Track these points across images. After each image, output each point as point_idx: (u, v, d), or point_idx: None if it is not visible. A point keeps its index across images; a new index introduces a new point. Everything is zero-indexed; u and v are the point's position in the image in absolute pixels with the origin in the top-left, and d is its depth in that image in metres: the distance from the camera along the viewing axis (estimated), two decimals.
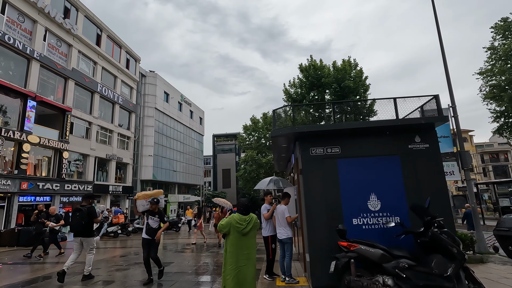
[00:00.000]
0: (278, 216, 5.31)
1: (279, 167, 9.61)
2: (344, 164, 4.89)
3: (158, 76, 34.26)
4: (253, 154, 36.30)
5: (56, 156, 19.61)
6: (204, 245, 11.02)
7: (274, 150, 6.50)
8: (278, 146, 5.93)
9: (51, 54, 19.71)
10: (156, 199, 5.72)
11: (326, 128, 4.76)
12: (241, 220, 3.54)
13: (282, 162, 8.70)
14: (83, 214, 5.75)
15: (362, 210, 4.72)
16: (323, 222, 4.68)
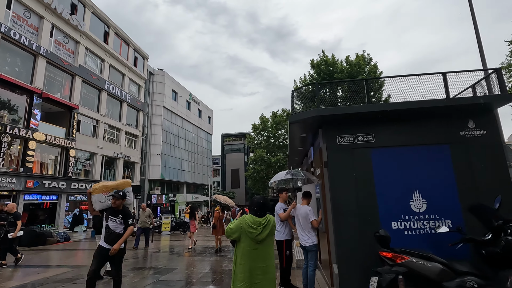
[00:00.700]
0: (300, 219, 4.46)
1: (293, 163, 8.76)
2: (380, 155, 4.02)
3: (166, 74, 33.87)
4: (262, 154, 35.52)
5: (63, 154, 19.28)
6: (193, 249, 9.93)
7: (290, 142, 5.67)
8: (295, 136, 5.11)
9: (57, 50, 19.41)
10: (121, 193, 4.20)
11: (359, 110, 3.89)
12: (255, 224, 2.72)
13: (297, 158, 7.87)
14: None
15: (403, 211, 3.85)
16: (355, 225, 3.83)
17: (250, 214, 2.82)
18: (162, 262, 7.59)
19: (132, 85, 28.09)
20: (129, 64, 27.13)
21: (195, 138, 40.72)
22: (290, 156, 7.37)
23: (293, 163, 8.40)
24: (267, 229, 2.76)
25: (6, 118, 15.81)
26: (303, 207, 4.47)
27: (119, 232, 4.11)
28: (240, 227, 2.74)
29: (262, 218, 2.79)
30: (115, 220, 4.12)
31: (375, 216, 3.84)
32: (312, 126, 4.47)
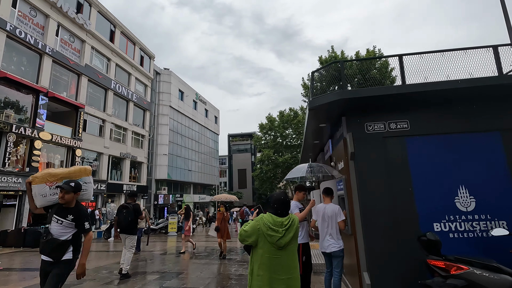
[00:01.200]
0: (326, 219, 3.84)
1: (306, 159, 8.16)
2: (416, 145, 3.45)
3: (173, 74, 33.64)
4: (270, 153, 34.98)
5: (69, 154, 19.09)
6: (190, 252, 9.19)
7: (306, 135, 5.12)
8: (313, 127, 4.55)
9: (63, 49, 19.26)
10: (72, 184, 2.97)
11: (394, 92, 3.32)
12: (276, 225, 2.20)
13: (311, 154, 7.30)
14: (129, 212, 5.82)
15: (447, 210, 3.27)
16: (388, 227, 3.26)
17: (269, 214, 2.28)
18: (168, 266, 7.12)
19: (138, 84, 27.90)
20: (136, 64, 26.95)
21: (202, 138, 40.42)
22: (304, 152, 6.81)
23: (306, 159, 7.83)
24: (291, 231, 2.22)
25: (12, 117, 15.65)
26: (329, 206, 3.85)
27: (64, 239, 2.84)
28: (257, 229, 2.21)
29: (284, 218, 2.25)
30: (61, 221, 2.87)
31: (414, 216, 3.27)
32: (334, 113, 3.92)
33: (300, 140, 36.02)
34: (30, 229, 11.93)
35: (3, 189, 14.53)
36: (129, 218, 5.78)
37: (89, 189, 3.45)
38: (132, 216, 5.81)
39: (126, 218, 5.78)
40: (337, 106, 3.64)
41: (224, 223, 8.25)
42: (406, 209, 3.29)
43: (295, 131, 35.89)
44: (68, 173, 3.33)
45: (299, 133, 35.50)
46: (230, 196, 11.11)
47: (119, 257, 8.39)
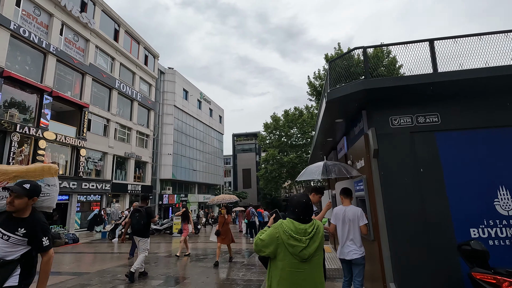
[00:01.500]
0: (347, 223, 3.48)
1: (316, 159, 7.83)
2: (448, 141, 3.09)
3: (177, 73, 33.47)
4: (275, 153, 34.65)
5: (73, 154, 18.98)
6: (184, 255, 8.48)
7: (320, 132, 4.78)
8: (328, 123, 4.21)
9: (68, 48, 19.14)
10: (28, 185, 2.23)
11: (426, 80, 2.95)
12: (298, 233, 1.87)
13: (322, 152, 6.94)
14: (142, 215, 5.85)
15: (485, 214, 2.91)
16: (418, 233, 2.92)
17: (290, 219, 1.96)
18: (172, 269, 6.83)
19: (142, 84, 27.76)
20: (140, 63, 26.80)
21: (206, 138, 40.22)
22: (314, 151, 6.46)
23: (316, 158, 7.48)
24: (316, 240, 1.89)
25: (16, 117, 15.55)
26: (349, 208, 3.48)
27: (11, 259, 2.09)
28: (276, 238, 1.88)
29: (308, 225, 1.92)
30: (8, 237, 2.11)
31: (447, 220, 2.91)
32: (352, 107, 3.58)
33: (306, 139, 35.57)
34: None
35: None
36: (141, 221, 5.82)
37: (53, 193, 2.57)
38: (144, 220, 5.85)
39: (139, 221, 5.82)
40: (358, 98, 3.30)
41: (226, 227, 7.59)
42: (438, 212, 2.94)
43: (300, 130, 35.47)
44: (26, 171, 2.47)
45: (304, 132, 35.05)
46: (229, 196, 10.47)
47: (123, 259, 8.14)
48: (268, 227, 2.09)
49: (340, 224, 3.57)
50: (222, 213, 7.77)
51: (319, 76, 24.97)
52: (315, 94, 25.22)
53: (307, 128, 34.66)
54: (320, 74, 24.97)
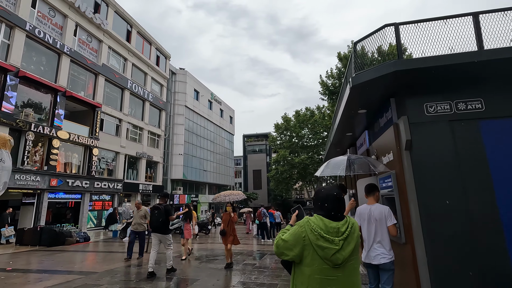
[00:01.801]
0: (373, 223, 3.11)
1: (332, 156, 7.38)
2: (495, 130, 2.69)
3: (188, 74, 33.57)
4: (286, 154, 34.20)
5: (86, 153, 19.17)
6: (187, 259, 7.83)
7: (340, 123, 4.39)
8: (349, 113, 3.83)
9: (81, 49, 19.40)
10: None
11: (471, 59, 2.56)
12: (329, 232, 1.53)
13: (339, 149, 6.54)
14: (161, 212, 5.98)
15: None
16: (460, 236, 2.52)
17: (318, 216, 1.62)
18: (181, 271, 6.57)
19: (154, 84, 27.93)
20: (152, 63, 26.98)
21: (217, 138, 40.19)
22: (332, 147, 6.08)
23: (332, 155, 7.06)
24: (351, 242, 1.55)
25: (31, 116, 15.79)
26: (375, 207, 3.09)
27: None
28: (302, 238, 1.54)
29: (340, 223, 1.58)
30: None
31: (494, 219, 2.50)
32: (378, 94, 3.20)
33: (317, 140, 34.93)
34: (46, 227, 11.81)
35: (22, 187, 14.63)
36: (160, 218, 5.96)
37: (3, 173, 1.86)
38: (163, 217, 5.98)
39: (157, 218, 5.97)
40: (388, 83, 2.92)
41: (232, 226, 6.93)
42: (484, 210, 2.54)
43: (311, 131, 34.91)
44: None
45: (316, 133, 34.44)
46: (237, 192, 8.99)
47: (132, 259, 7.95)
48: (290, 226, 1.76)
49: (365, 225, 3.20)
50: (227, 210, 7.12)
51: (332, 75, 24.42)
52: (328, 94, 24.69)
53: (318, 128, 34.05)
54: (332, 73, 24.41)
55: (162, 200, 6.42)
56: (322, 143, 34.67)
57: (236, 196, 8.71)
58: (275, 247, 1.63)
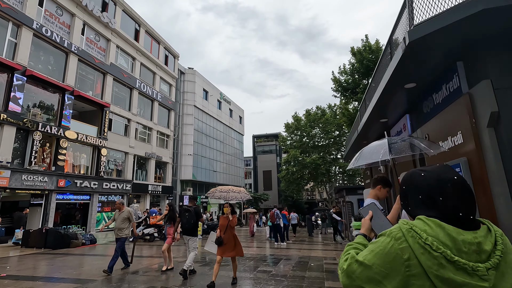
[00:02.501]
0: None
1: (358, 147, 6.52)
2: None
3: (197, 73, 33.20)
4: (296, 154, 33.36)
5: (95, 153, 18.89)
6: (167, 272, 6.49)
7: (379, 103, 3.57)
8: (394, 88, 3.05)
9: (89, 48, 19.18)
10: None
11: None
12: (462, 251, 0.75)
13: (366, 142, 5.72)
14: (191, 214, 6.00)
15: None
16: None
17: (431, 220, 0.82)
18: (186, 281, 5.90)
19: (163, 84, 27.63)
20: (160, 63, 26.68)
21: (226, 138, 39.69)
22: (358, 139, 5.29)
23: (357, 149, 6.24)
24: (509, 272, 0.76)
25: (39, 116, 15.57)
26: None
27: None
28: (404, 262, 0.78)
29: (478, 233, 0.79)
30: None
31: None
32: (440, 56, 2.42)
33: (329, 140, 33.94)
34: (51, 229, 11.42)
35: (30, 187, 14.37)
36: (191, 220, 5.98)
37: None
38: (194, 219, 6.02)
39: (189, 220, 5.99)
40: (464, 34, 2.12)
41: (231, 233, 5.45)
42: None
43: (322, 130, 33.98)
44: None
45: (327, 132, 33.50)
46: (236, 189, 6.69)
47: (137, 264, 7.34)
48: (364, 237, 1.04)
49: None
50: (224, 212, 5.66)
51: (345, 71, 23.48)
52: (340, 90, 23.75)
53: (330, 127, 33.09)
54: (345, 69, 23.46)
55: (191, 202, 6.44)
56: (333, 142, 33.66)
57: (238, 195, 6.59)
58: (345, 276, 0.88)
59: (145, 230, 14.69)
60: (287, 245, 11.67)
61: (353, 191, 12.23)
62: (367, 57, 21.44)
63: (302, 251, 9.89)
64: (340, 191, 13.93)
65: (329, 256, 8.77)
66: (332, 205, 24.60)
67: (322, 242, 13.13)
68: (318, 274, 6.02)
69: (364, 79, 22.46)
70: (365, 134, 5.00)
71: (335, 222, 12.97)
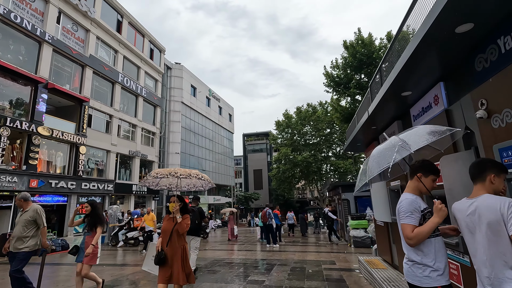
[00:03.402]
0: (480, 230, 1.61)
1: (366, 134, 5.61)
2: None
3: (185, 69, 31.99)
4: (287, 151, 32.72)
5: (72, 151, 17.55)
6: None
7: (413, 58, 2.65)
8: (440, 33, 2.19)
9: (66, 38, 17.80)
10: None
11: None
12: None
13: (375, 127, 4.91)
14: (196, 214, 5.86)
15: None
16: None
17: None
18: None
19: (148, 79, 26.33)
20: (145, 57, 25.39)
21: (216, 137, 38.59)
22: (368, 123, 4.46)
23: (357, 142, 5.44)
24: None
25: (7, 110, 14.19)
26: (483, 200, 1.63)
27: None
28: None
29: None
30: None
31: None
32: None
33: (320, 137, 33.43)
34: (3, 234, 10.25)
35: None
36: (195, 221, 5.85)
37: None
38: (198, 219, 5.96)
39: (193, 221, 5.71)
40: None
41: (178, 244, 3.51)
42: None
43: (314, 128, 33.46)
44: None
45: (318, 129, 33.01)
46: (195, 173, 4.30)
47: (117, 271, 6.32)
48: None
49: (467, 233, 1.65)
50: (170, 209, 3.58)
51: (337, 65, 22.86)
52: (333, 86, 23.11)
53: (321, 125, 32.58)
54: (338, 64, 22.85)
55: (194, 202, 6.38)
56: (325, 140, 33.20)
57: (198, 182, 4.69)
58: None
59: (129, 234, 13.48)
60: (280, 247, 10.84)
61: (350, 188, 11.50)
62: (360, 50, 20.89)
63: (297, 254, 9.06)
64: (336, 188, 13.20)
65: (327, 259, 7.97)
66: (326, 204, 23.96)
67: (316, 243, 12.36)
68: (319, 284, 5.19)
69: (357, 74, 21.92)
70: (377, 117, 4.16)
71: (330, 222, 12.22)
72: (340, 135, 32.54)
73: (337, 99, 24.31)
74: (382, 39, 20.70)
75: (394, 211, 4.30)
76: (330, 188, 16.07)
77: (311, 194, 47.70)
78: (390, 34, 20.18)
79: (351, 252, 9.36)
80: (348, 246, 10.79)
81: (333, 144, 34.36)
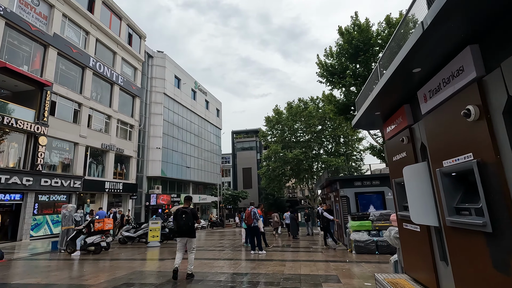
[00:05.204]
0: None
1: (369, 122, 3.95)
2: None
3: (168, 58, 29.77)
4: (278, 148, 31.06)
5: (30, 143, 15.22)
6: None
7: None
8: None
9: (23, 12, 15.45)
10: None
11: None
12: None
13: (379, 111, 3.11)
14: (189, 216, 5.85)
15: None
16: None
17: None
18: None
19: (126, 66, 24.05)
20: (122, 41, 23.10)
21: (202, 132, 36.46)
22: (378, 99, 2.70)
23: (369, 121, 3.68)
24: None
25: None
26: None
27: None
28: None
29: None
30: None
31: None
32: None
33: (311, 134, 31.96)
34: None
35: None
36: (189, 222, 5.80)
37: None
38: (191, 220, 5.85)
39: (186, 222, 5.80)
40: None
41: None
42: None
43: (305, 124, 31.93)
44: None
45: (310, 126, 31.52)
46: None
47: None
48: None
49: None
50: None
51: (331, 53, 21.22)
52: (326, 75, 21.48)
53: (313, 121, 31.10)
54: (332, 52, 21.21)
55: (186, 203, 6.28)
56: (316, 137, 31.79)
57: None
58: None
59: (88, 239, 11.23)
60: (267, 254, 9.01)
61: (350, 183, 9.77)
62: (356, 37, 19.31)
63: (288, 265, 7.24)
64: (332, 183, 11.46)
65: (327, 273, 6.18)
66: (318, 203, 22.28)
67: (310, 247, 10.58)
68: None
69: (352, 63, 20.37)
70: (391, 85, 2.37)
71: (326, 222, 10.47)
72: (332, 131, 31.13)
73: (330, 93, 22.66)
74: (380, 23, 19.15)
75: (448, 209, 2.57)
76: (325, 185, 14.35)
77: (302, 193, 46.17)
78: (389, 17, 18.65)
79: (354, 260, 7.62)
80: (349, 251, 9.06)
81: (325, 142, 32.94)
